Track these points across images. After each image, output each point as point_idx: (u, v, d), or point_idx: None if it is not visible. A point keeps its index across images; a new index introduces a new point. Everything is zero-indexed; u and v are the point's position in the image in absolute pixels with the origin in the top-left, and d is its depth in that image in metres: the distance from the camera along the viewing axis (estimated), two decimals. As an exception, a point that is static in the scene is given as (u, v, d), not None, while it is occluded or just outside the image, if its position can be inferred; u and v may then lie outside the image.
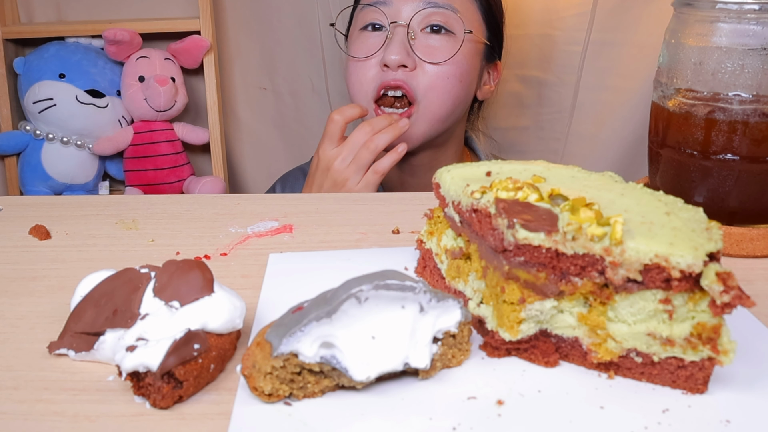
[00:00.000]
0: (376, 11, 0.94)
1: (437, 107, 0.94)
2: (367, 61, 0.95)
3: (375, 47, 0.94)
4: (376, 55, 0.94)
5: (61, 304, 0.50)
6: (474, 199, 0.44)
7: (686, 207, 0.43)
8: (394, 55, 0.91)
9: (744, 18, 0.57)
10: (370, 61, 0.95)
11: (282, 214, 0.68)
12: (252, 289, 0.52)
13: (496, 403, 0.38)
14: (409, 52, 0.92)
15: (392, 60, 0.91)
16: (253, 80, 1.29)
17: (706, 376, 0.40)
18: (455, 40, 0.93)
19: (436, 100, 0.94)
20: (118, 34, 1.16)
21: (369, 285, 0.37)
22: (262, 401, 0.38)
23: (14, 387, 0.40)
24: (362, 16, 0.96)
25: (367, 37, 0.95)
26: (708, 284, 0.37)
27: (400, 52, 0.91)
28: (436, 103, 0.94)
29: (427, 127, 0.96)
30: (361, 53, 0.95)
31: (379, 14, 0.94)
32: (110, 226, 0.65)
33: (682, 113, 0.61)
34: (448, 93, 0.94)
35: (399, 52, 0.91)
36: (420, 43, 0.93)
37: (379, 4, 0.94)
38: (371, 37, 0.95)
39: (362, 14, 0.96)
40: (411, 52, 0.92)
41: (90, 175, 1.25)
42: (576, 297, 0.41)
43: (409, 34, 0.92)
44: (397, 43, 0.92)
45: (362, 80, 0.95)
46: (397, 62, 0.91)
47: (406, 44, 0.92)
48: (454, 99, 0.95)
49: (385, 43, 0.93)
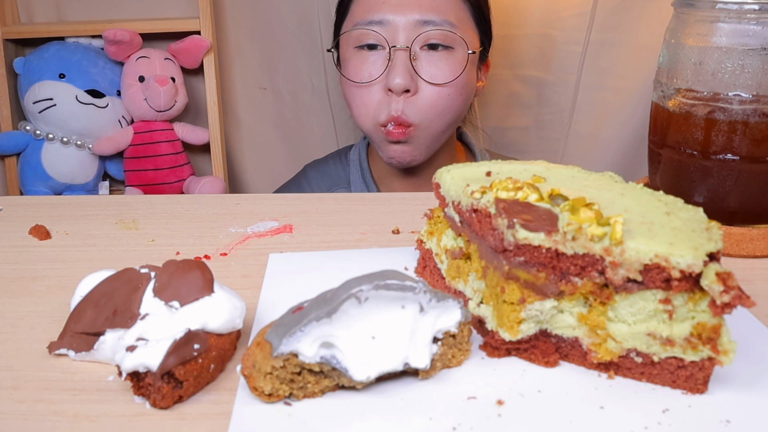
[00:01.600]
0: (371, 32, 0.91)
1: (437, 125, 0.93)
2: (370, 86, 0.92)
3: (376, 71, 0.91)
4: (379, 79, 0.91)
5: (61, 304, 0.50)
6: (474, 199, 0.44)
7: (686, 207, 0.43)
8: (399, 79, 0.88)
9: (744, 18, 0.57)
10: (374, 85, 0.92)
11: (282, 214, 0.68)
12: (252, 289, 0.52)
13: (496, 403, 0.38)
14: (413, 75, 0.90)
15: (397, 85, 0.88)
16: (253, 80, 1.29)
17: (706, 376, 0.40)
18: (455, 55, 0.91)
19: (436, 118, 0.92)
20: (118, 34, 1.16)
21: (369, 285, 0.37)
22: (262, 401, 0.38)
23: (14, 387, 0.40)
24: (356, 35, 0.93)
25: (365, 57, 0.92)
26: (708, 284, 0.37)
27: (404, 77, 0.88)
28: (436, 121, 0.93)
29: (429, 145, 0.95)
30: (363, 78, 0.92)
31: (375, 35, 0.91)
32: (110, 226, 0.65)
33: (682, 113, 0.61)
34: (450, 108, 0.93)
35: (404, 76, 0.88)
36: (422, 64, 0.90)
37: (374, 24, 0.91)
38: (369, 57, 0.92)
39: (356, 33, 0.93)
40: (414, 74, 0.90)
41: (90, 175, 1.25)
42: (576, 297, 0.41)
43: (411, 55, 0.89)
44: (401, 66, 0.89)
45: (368, 105, 0.93)
46: (402, 87, 0.89)
47: (410, 67, 0.89)
48: (452, 114, 0.94)
49: (388, 66, 0.90)
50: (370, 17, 0.91)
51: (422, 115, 0.92)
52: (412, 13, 0.90)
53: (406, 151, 0.94)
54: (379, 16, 0.91)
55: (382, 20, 0.90)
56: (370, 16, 0.91)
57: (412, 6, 0.90)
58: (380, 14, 0.91)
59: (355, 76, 0.93)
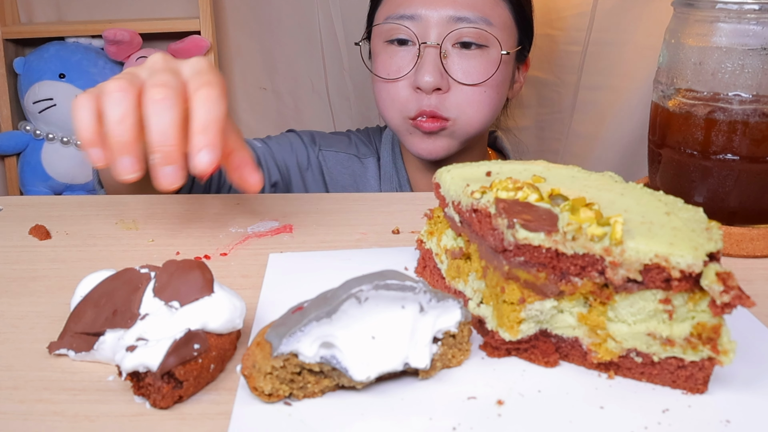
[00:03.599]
0: (401, 27, 0.88)
1: (475, 120, 0.90)
2: (397, 82, 0.89)
3: (405, 67, 0.88)
4: (408, 75, 0.88)
5: (61, 304, 0.50)
6: (474, 199, 0.44)
7: (686, 207, 0.43)
8: (428, 77, 0.85)
9: (744, 18, 0.57)
10: (401, 81, 0.89)
11: (282, 214, 0.68)
12: (252, 289, 0.52)
13: (496, 403, 0.38)
14: (443, 73, 0.86)
15: (426, 83, 0.85)
16: (253, 80, 1.29)
17: (706, 376, 0.40)
18: (489, 54, 0.88)
19: (473, 114, 0.89)
20: (118, 34, 1.16)
21: (369, 285, 0.37)
22: (262, 401, 0.38)
23: (14, 387, 0.40)
24: (387, 29, 0.90)
25: (394, 52, 0.89)
26: (708, 284, 0.37)
27: (433, 74, 0.85)
28: (474, 117, 0.89)
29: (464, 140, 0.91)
30: (391, 73, 0.89)
31: (406, 30, 0.87)
32: (110, 226, 0.65)
33: (682, 113, 0.61)
34: (487, 106, 0.89)
35: (433, 74, 0.85)
36: (453, 62, 0.87)
37: (406, 19, 0.87)
38: (398, 53, 0.89)
39: (387, 26, 0.90)
40: (444, 73, 0.86)
41: (90, 175, 1.25)
42: (576, 297, 0.41)
43: (441, 53, 0.86)
44: (430, 64, 0.85)
45: (395, 99, 0.89)
46: (432, 85, 0.85)
47: (439, 65, 0.86)
48: (490, 110, 0.91)
49: (416, 64, 0.87)
50: (402, 11, 0.88)
51: (458, 110, 0.88)
52: (445, 8, 0.86)
53: (439, 145, 0.90)
54: (411, 11, 0.87)
55: (414, 15, 0.87)
56: (402, 9, 0.88)
57: (446, 1, 0.87)
58: (412, 8, 0.87)
59: (382, 71, 0.90)
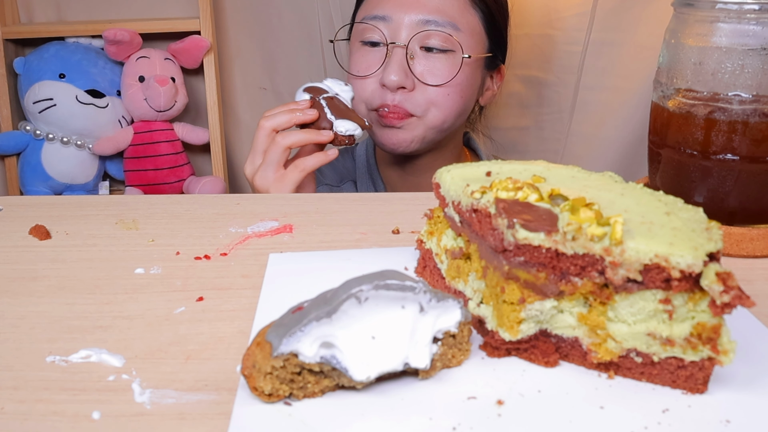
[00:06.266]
0: (374, 28, 0.93)
1: (438, 120, 0.95)
2: (365, 79, 0.94)
3: (373, 65, 0.94)
4: (376, 74, 0.93)
5: (61, 304, 0.50)
6: (474, 199, 0.44)
7: (686, 207, 0.43)
8: (394, 76, 0.90)
9: (744, 18, 0.57)
10: (369, 78, 0.94)
11: (282, 214, 0.68)
12: (252, 289, 0.52)
13: (496, 403, 0.38)
14: (408, 73, 0.92)
15: (391, 81, 0.91)
16: (253, 80, 1.30)
17: (706, 376, 0.40)
18: (454, 57, 0.93)
19: (437, 113, 0.94)
20: (118, 34, 1.16)
21: (369, 285, 0.37)
22: (262, 401, 0.38)
23: (14, 387, 0.40)
24: (362, 28, 0.95)
25: (366, 52, 0.95)
26: (708, 284, 0.37)
27: (398, 74, 0.91)
28: (438, 116, 0.94)
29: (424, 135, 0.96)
30: (361, 71, 0.95)
31: (377, 32, 0.93)
32: (110, 226, 0.65)
33: (682, 113, 0.61)
34: (450, 107, 0.94)
35: (397, 74, 0.91)
36: (419, 63, 0.92)
37: (378, 20, 0.93)
38: (370, 53, 0.95)
39: (362, 26, 0.95)
40: (410, 73, 0.92)
41: (90, 175, 1.25)
42: (576, 297, 0.41)
43: (408, 54, 0.92)
44: (396, 63, 0.91)
45: (361, 95, 0.95)
46: (396, 84, 0.91)
47: (405, 65, 0.91)
48: (454, 112, 0.95)
49: (384, 62, 0.92)
50: (376, 12, 0.93)
51: (422, 109, 0.93)
52: (416, 12, 0.91)
53: (402, 137, 0.95)
54: (384, 12, 0.93)
55: (386, 16, 0.92)
56: (377, 11, 0.93)
57: (417, 5, 0.92)
58: (385, 10, 0.93)
59: (353, 68, 0.96)
